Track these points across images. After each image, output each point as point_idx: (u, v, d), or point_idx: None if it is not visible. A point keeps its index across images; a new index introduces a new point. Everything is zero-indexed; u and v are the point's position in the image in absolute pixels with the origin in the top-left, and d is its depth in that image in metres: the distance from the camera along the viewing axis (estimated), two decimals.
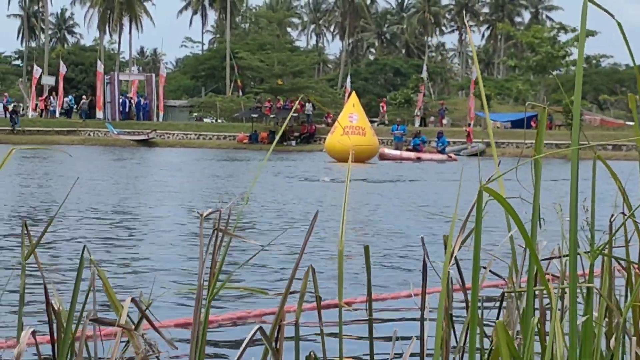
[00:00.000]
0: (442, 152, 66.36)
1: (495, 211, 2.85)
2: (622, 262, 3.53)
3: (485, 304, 3.68)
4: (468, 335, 2.94)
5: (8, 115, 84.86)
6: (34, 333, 2.67)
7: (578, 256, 3.20)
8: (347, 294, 6.10)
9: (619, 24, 2.94)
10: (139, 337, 2.75)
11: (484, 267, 3.31)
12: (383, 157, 57.67)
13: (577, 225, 2.70)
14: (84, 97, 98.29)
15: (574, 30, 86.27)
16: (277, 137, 6.46)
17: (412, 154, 61.81)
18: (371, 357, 3.47)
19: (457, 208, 2.88)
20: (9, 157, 2.70)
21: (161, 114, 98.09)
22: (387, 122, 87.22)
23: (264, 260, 12.86)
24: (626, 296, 3.43)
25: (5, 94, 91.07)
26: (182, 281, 11.75)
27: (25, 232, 2.88)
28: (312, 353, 3.13)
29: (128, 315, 2.79)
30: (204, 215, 2.87)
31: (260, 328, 2.99)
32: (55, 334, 2.77)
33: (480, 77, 3.75)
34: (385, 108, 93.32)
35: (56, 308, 2.74)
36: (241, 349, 3.01)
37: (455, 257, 3.13)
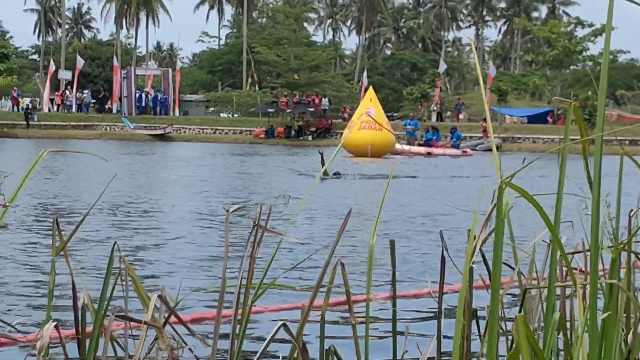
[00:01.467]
0: (456, 147, 65.82)
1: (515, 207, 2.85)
2: None
3: (507, 301, 3.67)
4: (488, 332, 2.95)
5: (23, 110, 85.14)
6: (57, 326, 2.68)
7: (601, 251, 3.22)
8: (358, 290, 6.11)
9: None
10: (166, 335, 2.77)
11: (507, 265, 3.31)
12: (392, 152, 56.99)
13: (599, 220, 2.71)
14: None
15: (591, 25, 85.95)
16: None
17: (422, 149, 61.30)
18: (394, 352, 3.48)
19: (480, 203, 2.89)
20: (40, 158, 2.72)
21: (177, 108, 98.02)
22: (425, 119, 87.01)
23: (288, 255, 12.87)
24: None
25: (15, 87, 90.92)
26: (199, 276, 11.75)
27: (57, 228, 2.90)
28: (332, 347, 3.15)
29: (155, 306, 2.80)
30: (230, 211, 2.88)
31: (284, 324, 3.01)
32: (81, 329, 2.79)
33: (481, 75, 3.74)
34: (437, 101, 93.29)
35: (83, 303, 2.75)
36: (263, 345, 3.02)
37: (481, 251, 3.14)
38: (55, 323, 2.66)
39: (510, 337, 3.28)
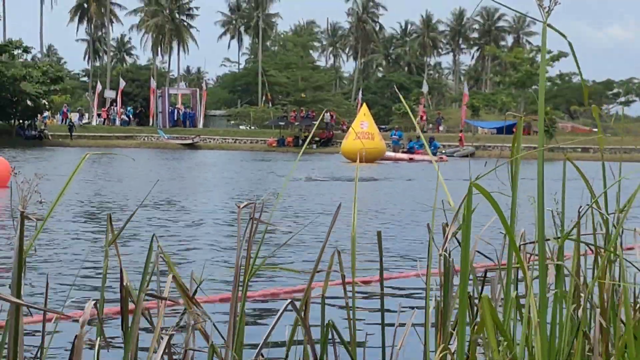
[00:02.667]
0: (434, 154, 66.08)
1: (483, 204, 2.87)
2: (591, 246, 3.54)
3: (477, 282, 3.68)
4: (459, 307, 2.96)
5: (67, 123, 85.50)
6: (96, 304, 2.69)
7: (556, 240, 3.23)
8: (361, 273, 6.08)
9: (570, 44, 2.96)
10: (193, 309, 2.78)
11: (479, 253, 3.32)
12: (382, 158, 57.51)
13: (544, 214, 2.73)
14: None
15: (549, 52, 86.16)
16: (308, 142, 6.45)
17: (405, 156, 61.64)
18: (382, 327, 3.48)
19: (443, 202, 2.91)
20: (83, 161, 2.73)
21: (202, 121, 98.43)
22: (425, 130, 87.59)
23: (291, 245, 12.86)
24: (593, 273, 3.44)
25: (66, 104, 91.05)
26: (220, 261, 11.75)
27: (109, 223, 2.92)
28: (330, 321, 3.15)
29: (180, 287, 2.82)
30: (241, 207, 2.90)
31: (292, 302, 3.01)
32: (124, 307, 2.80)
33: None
34: (425, 117, 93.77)
35: (126, 284, 2.77)
36: (275, 319, 3.03)
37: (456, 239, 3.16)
38: (95, 302, 2.67)
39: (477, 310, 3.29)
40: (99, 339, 2.70)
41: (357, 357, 3.26)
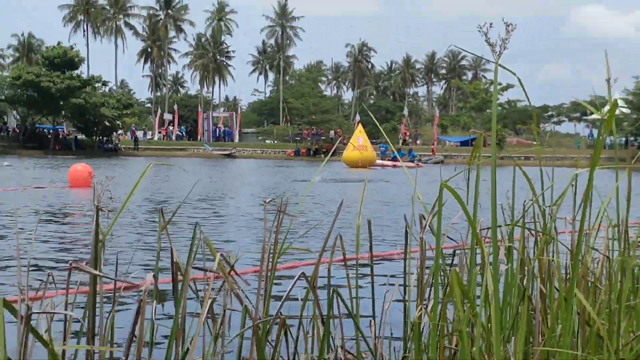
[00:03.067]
0: (412, 161, 66.10)
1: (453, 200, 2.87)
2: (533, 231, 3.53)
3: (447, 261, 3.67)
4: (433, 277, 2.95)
5: (133, 138, 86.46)
6: (154, 276, 2.68)
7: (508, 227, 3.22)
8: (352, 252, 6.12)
9: (519, 79, 2.98)
10: (230, 279, 2.77)
11: (449, 237, 3.30)
12: (374, 165, 57.99)
13: (496, 208, 2.71)
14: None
15: (500, 84, 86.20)
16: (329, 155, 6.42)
17: (390, 163, 61.60)
18: (372, 292, 3.45)
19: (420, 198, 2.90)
20: (147, 170, 2.72)
21: (238, 136, 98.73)
22: (407, 143, 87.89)
23: (300, 233, 12.84)
24: (534, 252, 3.42)
25: (134, 124, 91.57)
26: (252, 242, 11.72)
27: (161, 215, 2.91)
28: (335, 289, 3.13)
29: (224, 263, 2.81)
30: (267, 202, 2.89)
31: (303, 273, 2.99)
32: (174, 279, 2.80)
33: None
34: (408, 134, 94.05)
35: (176, 261, 2.75)
36: (290, 286, 3.01)
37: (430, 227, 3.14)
38: (153, 274, 2.66)
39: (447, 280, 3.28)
40: (155, 301, 2.69)
41: (354, 315, 3.25)
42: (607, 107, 3.01)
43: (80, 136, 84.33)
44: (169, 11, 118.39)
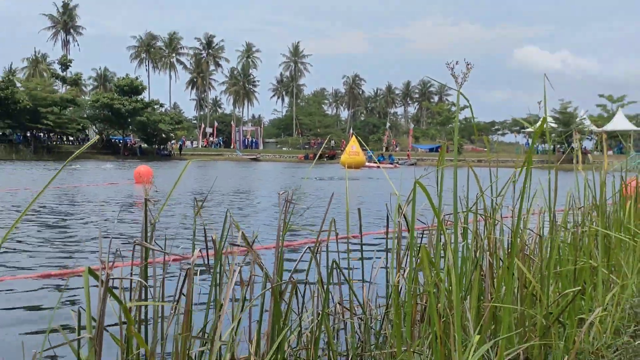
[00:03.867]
0: (392, 164, 65.87)
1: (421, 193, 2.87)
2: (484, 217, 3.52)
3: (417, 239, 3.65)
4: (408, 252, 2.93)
5: (179, 146, 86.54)
6: (200, 250, 2.67)
7: (460, 214, 3.20)
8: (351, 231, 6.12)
9: (469, 104, 2.98)
10: (254, 252, 2.76)
11: (419, 220, 3.28)
12: (363, 166, 58.11)
13: (457, 198, 2.69)
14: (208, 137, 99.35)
15: (458, 105, 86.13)
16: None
17: (375, 165, 61.53)
18: (362, 262, 3.44)
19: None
20: (187, 166, 2.70)
21: (261, 145, 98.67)
22: (389, 150, 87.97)
23: (308, 219, 12.79)
24: (485, 231, 3.40)
25: (183, 136, 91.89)
26: (268, 225, 11.68)
27: (196, 204, 2.89)
28: (334, 261, 3.11)
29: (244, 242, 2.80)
30: (281, 193, 2.88)
31: (309, 247, 2.98)
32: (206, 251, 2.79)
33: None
34: (386, 140, 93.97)
35: (213, 238, 2.73)
36: (298, 260, 2.99)
37: (405, 215, 3.12)
38: (199, 249, 2.64)
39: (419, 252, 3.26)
40: (199, 270, 2.68)
41: (348, 279, 3.24)
42: (538, 123, 3.02)
43: (143, 145, 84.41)
44: (210, 50, 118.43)
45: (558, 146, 70.70)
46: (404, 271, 3.15)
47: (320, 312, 2.91)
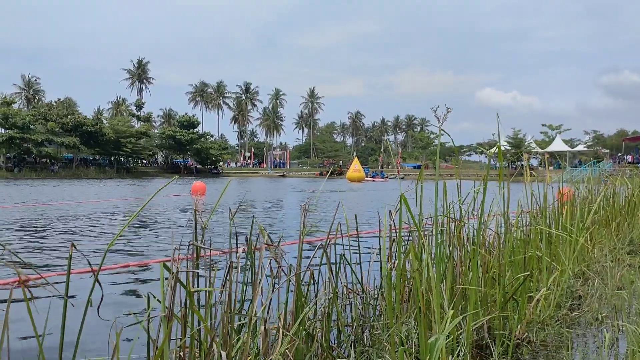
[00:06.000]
0: (382, 178, 65.47)
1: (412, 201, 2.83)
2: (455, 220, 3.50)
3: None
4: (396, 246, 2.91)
5: (219, 167, 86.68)
6: (243, 249, 2.64)
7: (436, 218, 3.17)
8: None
9: (450, 135, 2.96)
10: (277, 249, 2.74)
11: (405, 223, 3.27)
12: (364, 180, 57.88)
13: (438, 205, 2.67)
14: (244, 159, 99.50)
15: (434, 134, 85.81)
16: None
17: (370, 179, 61.20)
18: (359, 255, 3.42)
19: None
20: (228, 184, 2.70)
21: (288, 165, 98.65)
22: (382, 167, 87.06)
23: (321, 222, 12.70)
24: (455, 231, 3.38)
25: (228, 159, 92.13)
26: (291, 228, 11.62)
27: (230, 212, 2.89)
28: (341, 255, 3.10)
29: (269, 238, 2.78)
30: (303, 205, 2.87)
31: (321, 244, 2.97)
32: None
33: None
34: (381, 161, 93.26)
35: (247, 237, 2.72)
36: (313, 254, 2.98)
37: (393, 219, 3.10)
38: (243, 247, 2.64)
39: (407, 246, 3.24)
40: (239, 263, 2.67)
41: (352, 269, 3.22)
42: (494, 148, 3.01)
43: (198, 166, 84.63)
44: (248, 94, 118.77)
45: (512, 164, 70.34)
46: (395, 262, 3.14)
47: (331, 294, 2.89)
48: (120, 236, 9.57)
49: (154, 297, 2.32)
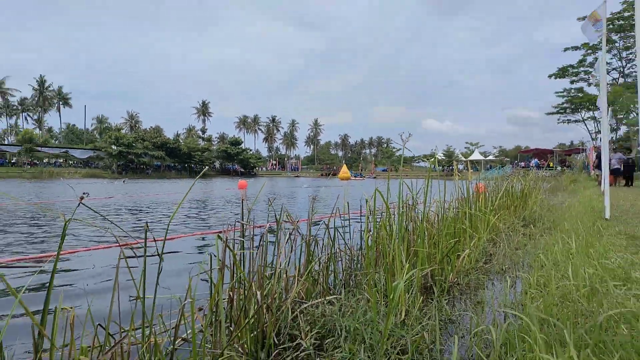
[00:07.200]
0: (361, 177, 64.35)
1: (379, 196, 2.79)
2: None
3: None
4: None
5: (254, 170, 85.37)
6: (264, 235, 2.60)
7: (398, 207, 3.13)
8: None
9: (411, 151, 2.92)
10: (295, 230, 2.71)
11: (378, 207, 3.23)
12: (349, 179, 56.88)
13: (401, 196, 2.65)
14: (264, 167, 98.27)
15: (399, 149, 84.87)
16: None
17: (353, 178, 60.23)
18: (350, 229, 3.41)
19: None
20: (264, 185, 2.69)
21: (300, 169, 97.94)
22: (361, 170, 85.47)
23: (324, 205, 12.55)
24: (410, 212, 3.35)
25: (261, 165, 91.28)
26: (304, 210, 11.43)
27: (269, 202, 2.84)
28: (336, 228, 3.07)
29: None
30: (310, 197, 2.84)
31: (323, 221, 2.94)
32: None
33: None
34: (360, 166, 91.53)
35: (268, 225, 2.69)
36: (318, 228, 2.96)
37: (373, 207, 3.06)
38: (268, 223, 2.60)
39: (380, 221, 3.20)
40: (269, 245, 2.63)
41: (343, 237, 3.20)
42: (434, 158, 2.99)
43: (242, 170, 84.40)
44: (273, 123, 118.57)
45: (447, 167, 70.42)
46: (371, 232, 3.12)
47: (329, 253, 2.88)
48: (191, 215, 9.51)
49: (215, 255, 2.32)
